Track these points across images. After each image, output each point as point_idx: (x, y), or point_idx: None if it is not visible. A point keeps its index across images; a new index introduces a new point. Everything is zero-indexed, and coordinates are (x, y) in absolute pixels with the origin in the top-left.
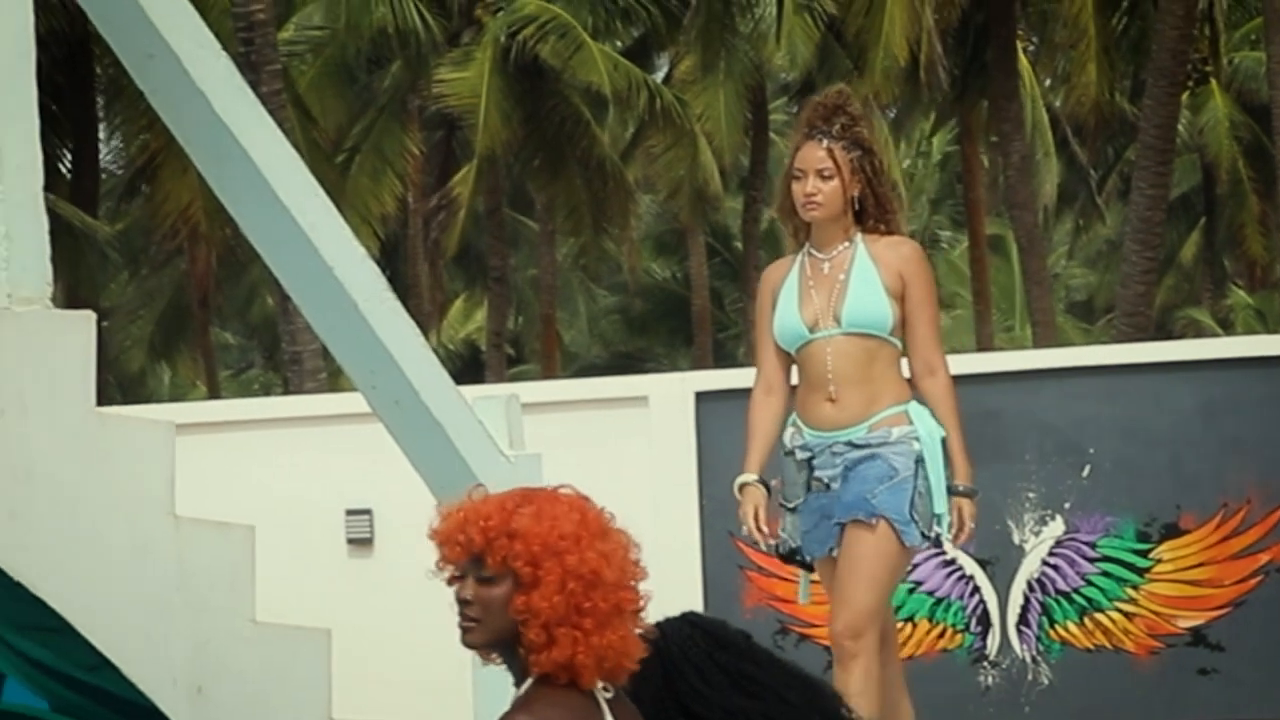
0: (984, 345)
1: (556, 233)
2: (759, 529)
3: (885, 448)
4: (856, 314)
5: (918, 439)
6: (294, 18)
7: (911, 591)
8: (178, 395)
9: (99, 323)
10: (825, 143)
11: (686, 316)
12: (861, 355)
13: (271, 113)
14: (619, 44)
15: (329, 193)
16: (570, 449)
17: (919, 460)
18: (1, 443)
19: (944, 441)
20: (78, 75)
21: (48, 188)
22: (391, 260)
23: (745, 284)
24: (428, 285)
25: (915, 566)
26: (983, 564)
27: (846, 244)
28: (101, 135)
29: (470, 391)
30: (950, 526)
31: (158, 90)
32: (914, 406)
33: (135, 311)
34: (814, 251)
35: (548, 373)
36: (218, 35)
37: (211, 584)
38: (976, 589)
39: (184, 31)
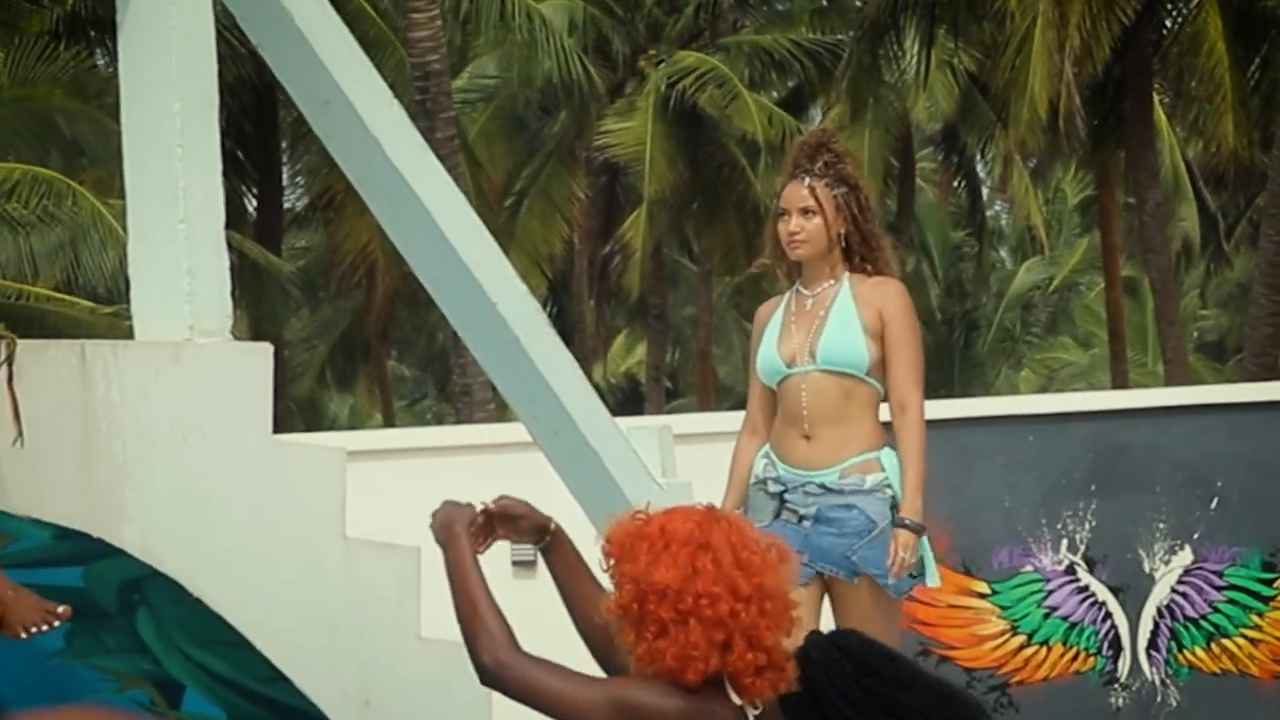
0: (1118, 383)
1: (713, 273)
2: None
3: (859, 496)
4: (831, 351)
5: (890, 486)
6: (467, 68)
7: (1047, 616)
8: (356, 424)
9: (279, 354)
10: (808, 181)
11: None
12: (837, 393)
13: (444, 158)
14: (774, 94)
15: (498, 235)
16: (721, 478)
17: (895, 507)
18: (183, 467)
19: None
20: (263, 121)
21: (234, 227)
22: (558, 298)
23: None
24: (592, 322)
25: (1049, 593)
26: (1115, 591)
27: (832, 282)
28: (284, 177)
29: (627, 422)
30: (889, 556)
31: (333, 135)
32: (886, 454)
33: (314, 343)
34: (802, 289)
35: (703, 405)
36: (395, 84)
37: (380, 602)
38: (1108, 614)
39: (358, 80)
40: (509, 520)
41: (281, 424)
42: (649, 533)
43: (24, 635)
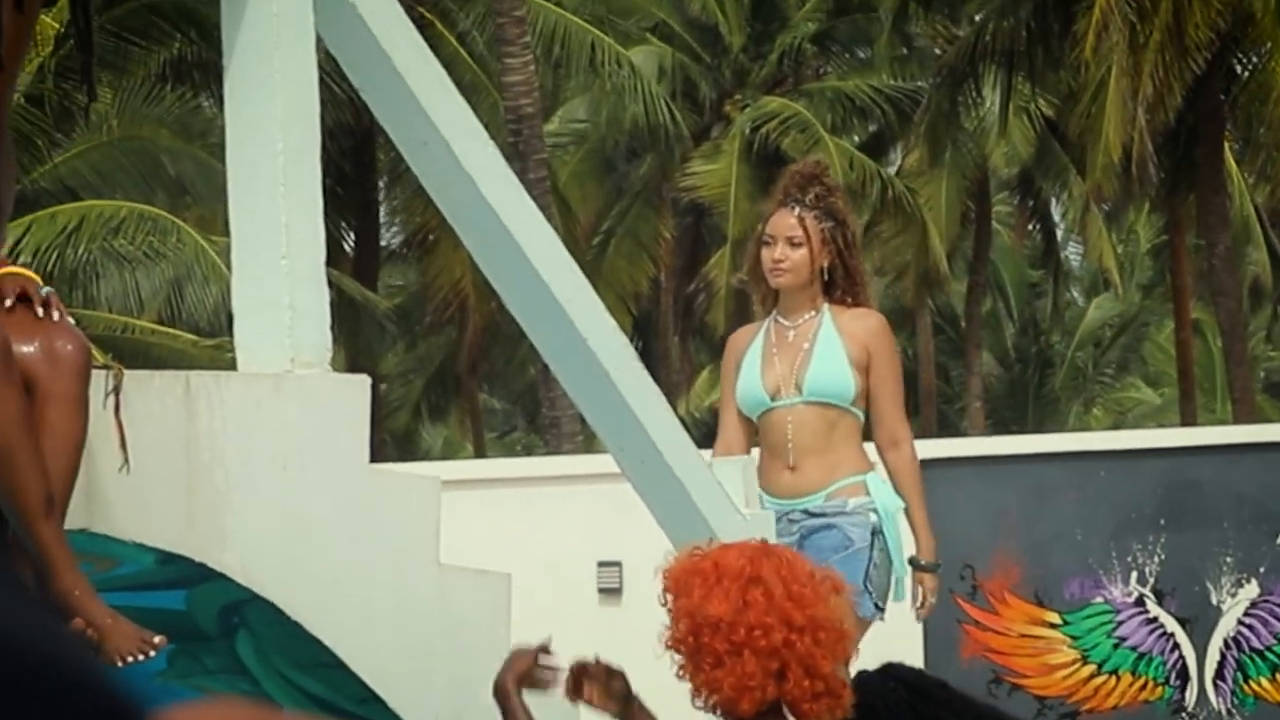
0: (1187, 421)
1: None
2: None
3: (841, 517)
4: (819, 383)
5: (875, 510)
6: (559, 111)
7: (1116, 647)
8: (448, 454)
9: (375, 386)
10: (797, 210)
11: (914, 388)
12: (822, 425)
13: (536, 198)
14: (855, 138)
15: (586, 272)
16: None
17: (875, 531)
18: (283, 494)
19: (906, 513)
20: (362, 162)
21: (332, 264)
22: (644, 335)
23: (968, 360)
24: (677, 358)
25: (1119, 624)
26: (1183, 622)
27: (813, 313)
28: (382, 216)
29: (710, 454)
30: (916, 599)
31: (430, 174)
32: (872, 477)
33: (409, 377)
34: (780, 319)
35: None
36: (489, 127)
37: (471, 627)
38: (1176, 646)
39: (455, 121)
40: (599, 678)
41: (377, 454)
42: (703, 568)
43: (120, 664)
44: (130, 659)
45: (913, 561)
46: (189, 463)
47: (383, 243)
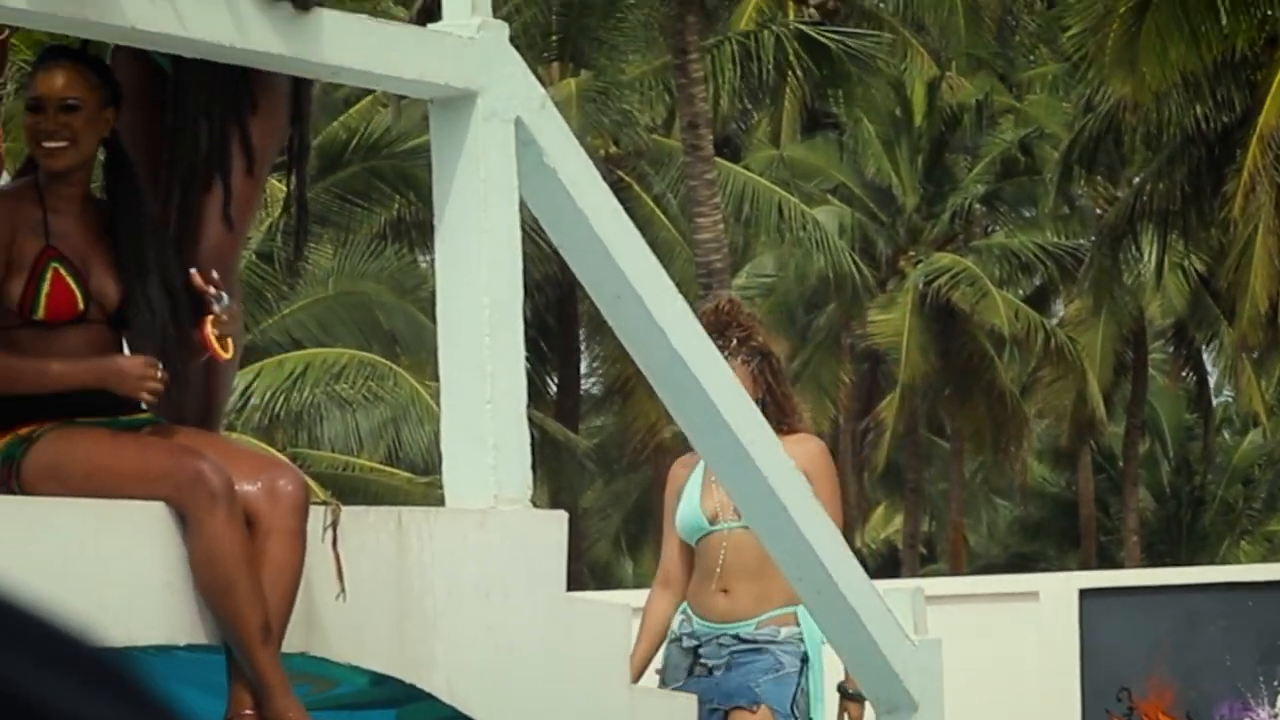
0: None
1: (963, 451)
2: None
3: (773, 645)
4: None
5: (804, 640)
6: (747, 266)
7: None
8: (640, 584)
9: (574, 521)
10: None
11: (1074, 522)
12: (757, 550)
13: None
14: (1020, 291)
15: None
16: (970, 636)
17: (805, 660)
18: (486, 620)
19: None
20: (565, 314)
21: (536, 407)
22: None
23: (1125, 497)
24: (854, 494)
25: None
26: None
27: None
28: (583, 364)
29: (883, 584)
30: None
31: (624, 327)
32: (804, 610)
33: (607, 511)
34: None
35: (954, 569)
36: (682, 280)
37: None
38: None
39: (646, 277)
40: None
41: (576, 583)
42: None
43: None
44: None
45: (841, 689)
46: (400, 591)
47: (584, 388)
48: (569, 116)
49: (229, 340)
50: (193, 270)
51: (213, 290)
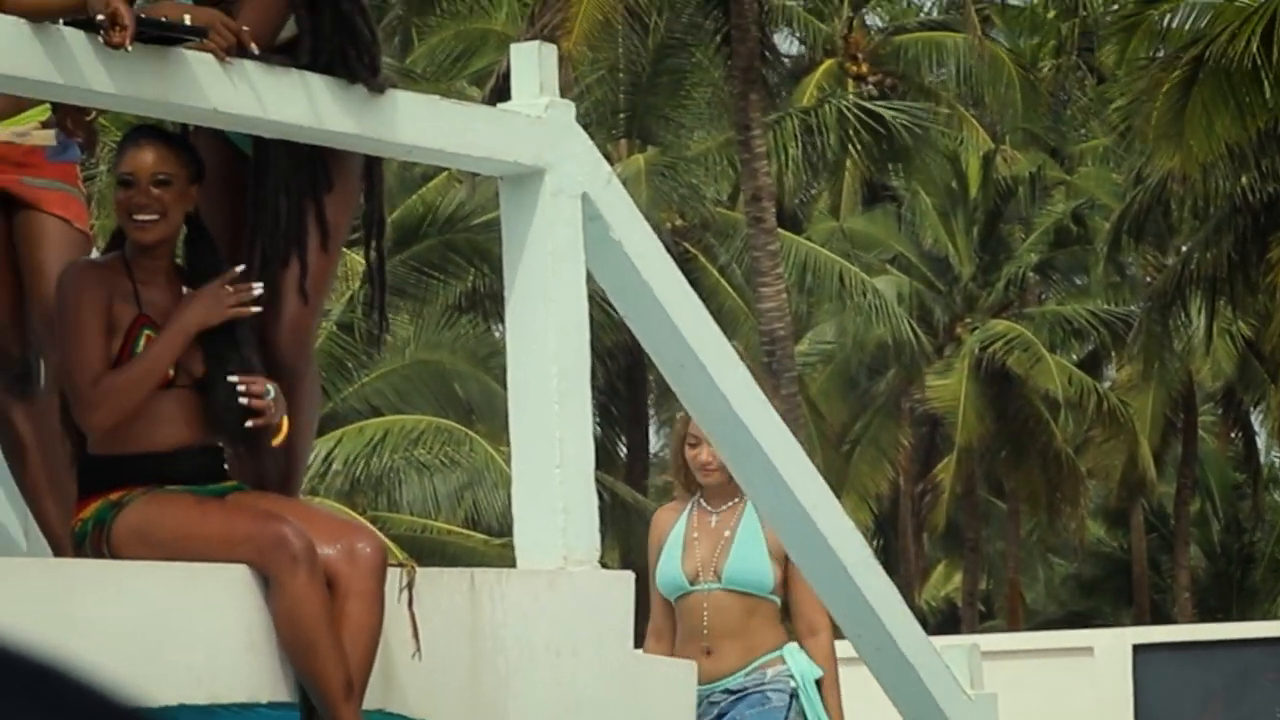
0: None
1: (1020, 511)
2: None
3: (762, 686)
4: (738, 573)
5: (793, 677)
6: (809, 334)
7: None
8: None
9: (641, 581)
10: None
11: (1127, 579)
12: (740, 610)
13: (788, 411)
14: (1073, 356)
15: (833, 476)
16: (1026, 691)
17: (794, 695)
18: (556, 678)
19: (821, 692)
20: (633, 380)
21: (606, 470)
22: (884, 531)
23: (1177, 555)
24: (914, 553)
25: None
26: None
27: (736, 500)
28: (651, 428)
29: (941, 640)
30: None
31: (688, 393)
32: (789, 649)
33: None
34: (704, 504)
35: (1011, 626)
36: (747, 348)
37: None
38: None
39: (708, 345)
40: None
41: (644, 642)
42: None
43: None
44: None
45: None
46: (473, 650)
47: (652, 451)
48: (637, 191)
49: (281, 423)
50: (231, 379)
51: (244, 394)
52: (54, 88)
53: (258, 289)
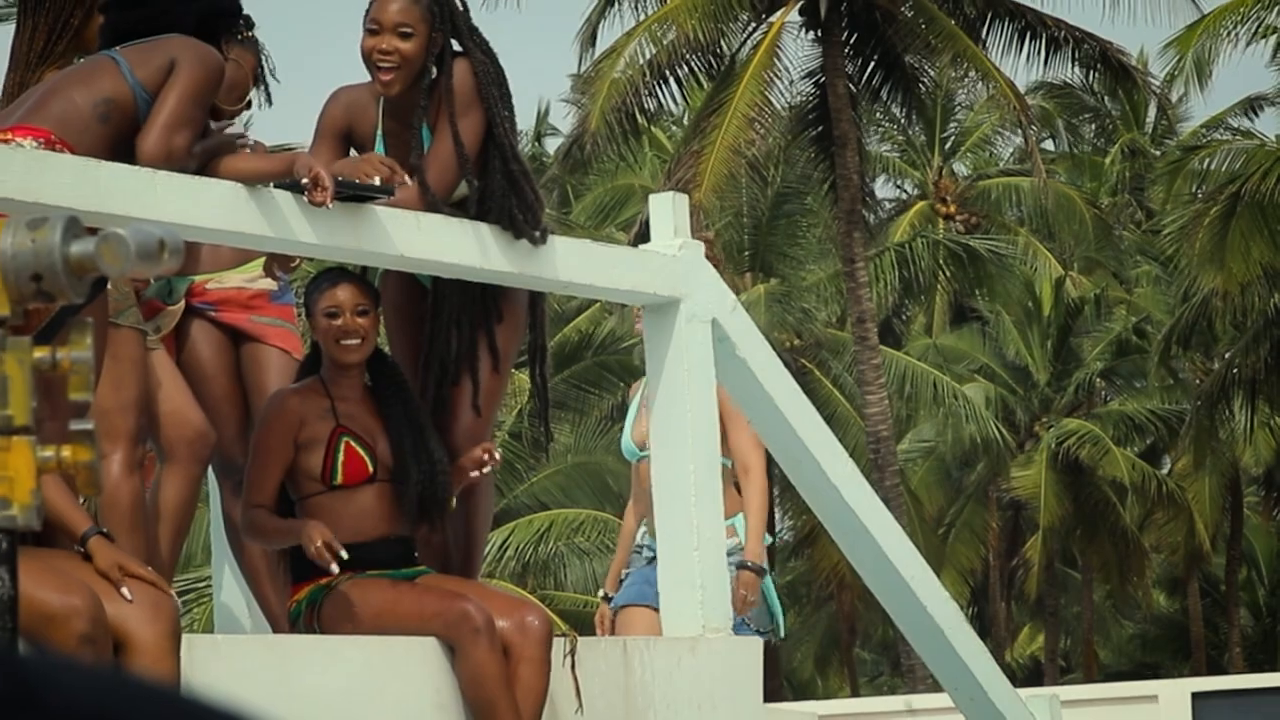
0: None
1: (1093, 580)
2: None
3: None
4: None
5: (742, 549)
6: (909, 434)
7: None
8: (828, 694)
9: (770, 647)
10: None
11: (1186, 640)
12: None
13: (891, 500)
14: (1135, 448)
15: (932, 556)
16: None
17: (740, 566)
18: None
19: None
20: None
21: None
22: (978, 601)
23: (1229, 617)
24: (1003, 619)
25: None
26: None
27: None
28: (777, 515)
29: (1026, 692)
30: (734, 596)
31: (804, 485)
32: (740, 520)
33: (801, 638)
34: None
35: (1087, 679)
36: (855, 447)
37: None
38: None
39: (822, 445)
40: None
41: (776, 696)
42: None
43: None
44: None
45: (739, 563)
46: (626, 706)
47: (778, 534)
48: (759, 316)
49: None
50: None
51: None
52: (268, 240)
53: None
